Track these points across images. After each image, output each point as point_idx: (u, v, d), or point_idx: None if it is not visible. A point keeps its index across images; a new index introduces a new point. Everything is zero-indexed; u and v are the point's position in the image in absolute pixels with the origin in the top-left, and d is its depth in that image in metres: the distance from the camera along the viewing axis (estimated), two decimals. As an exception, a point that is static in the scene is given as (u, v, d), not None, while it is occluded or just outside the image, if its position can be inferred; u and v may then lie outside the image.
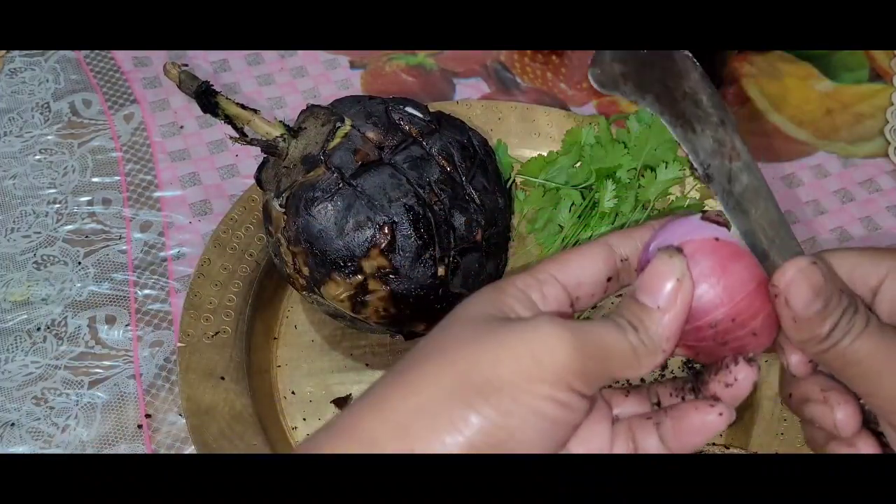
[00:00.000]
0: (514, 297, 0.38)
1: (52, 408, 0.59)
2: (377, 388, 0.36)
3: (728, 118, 0.40)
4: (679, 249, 0.37)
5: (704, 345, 0.38)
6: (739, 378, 0.38)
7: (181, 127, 0.75)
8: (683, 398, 0.40)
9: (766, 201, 0.39)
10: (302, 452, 0.36)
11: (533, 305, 0.38)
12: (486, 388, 0.34)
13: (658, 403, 0.41)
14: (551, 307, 0.38)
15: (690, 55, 0.40)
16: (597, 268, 0.39)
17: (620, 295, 0.40)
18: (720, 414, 0.38)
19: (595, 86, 0.41)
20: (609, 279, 0.40)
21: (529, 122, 0.73)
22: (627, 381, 0.57)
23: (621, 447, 0.39)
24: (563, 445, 0.37)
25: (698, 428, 0.38)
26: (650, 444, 0.39)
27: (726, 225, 0.39)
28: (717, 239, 0.38)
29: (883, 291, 0.38)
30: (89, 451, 0.58)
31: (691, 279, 0.37)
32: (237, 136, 0.57)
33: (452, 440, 0.33)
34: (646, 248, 0.39)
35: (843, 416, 0.38)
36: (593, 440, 0.39)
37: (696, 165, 0.40)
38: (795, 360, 0.39)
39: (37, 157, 0.72)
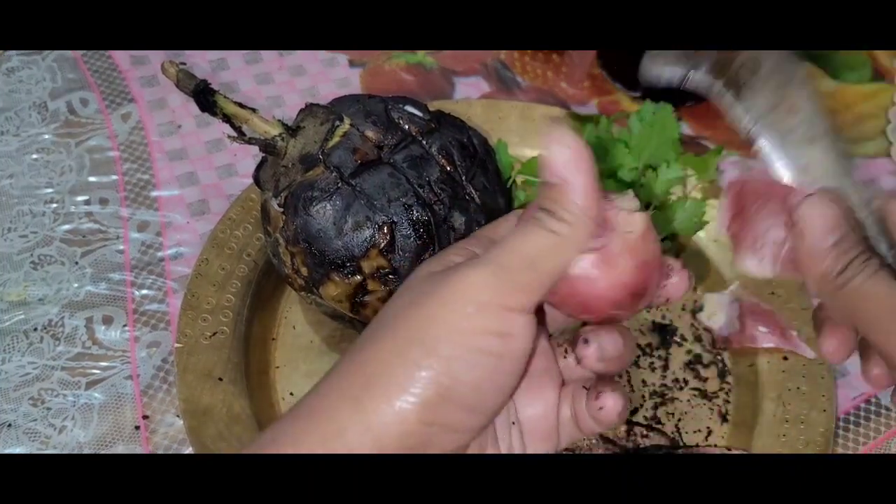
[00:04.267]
0: (457, 254, 0.39)
1: (49, 409, 0.59)
2: (341, 364, 0.38)
3: (800, 71, 0.41)
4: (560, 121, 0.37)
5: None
6: (606, 406, 0.39)
7: (179, 126, 0.74)
8: None
9: (822, 149, 0.41)
10: (270, 436, 0.37)
11: (473, 255, 0.38)
12: (426, 342, 0.35)
13: None
14: None
15: None
16: None
17: None
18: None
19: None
20: None
21: (530, 121, 0.72)
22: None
23: (565, 411, 0.40)
24: (517, 381, 0.37)
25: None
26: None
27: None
28: None
29: None
30: (86, 452, 0.57)
31: (583, 143, 0.36)
32: (235, 135, 0.56)
33: (403, 403, 0.34)
34: None
35: None
36: (537, 404, 0.40)
37: (742, 127, 0.40)
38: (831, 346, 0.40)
39: (34, 156, 0.72)
